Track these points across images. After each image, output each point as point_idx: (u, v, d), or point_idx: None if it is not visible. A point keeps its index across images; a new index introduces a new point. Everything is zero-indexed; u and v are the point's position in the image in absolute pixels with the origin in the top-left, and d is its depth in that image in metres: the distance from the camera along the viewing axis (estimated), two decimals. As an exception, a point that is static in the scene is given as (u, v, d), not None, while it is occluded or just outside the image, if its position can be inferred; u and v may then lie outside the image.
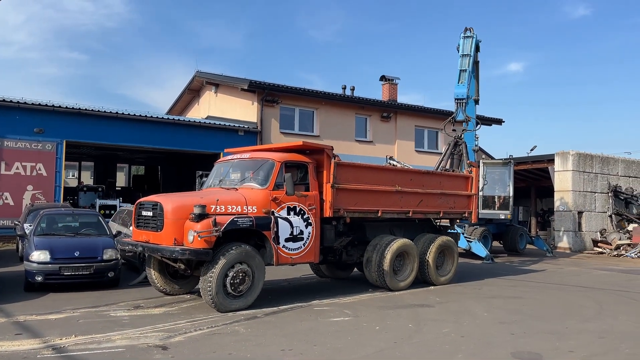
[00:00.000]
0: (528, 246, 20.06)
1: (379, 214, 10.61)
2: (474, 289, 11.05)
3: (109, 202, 19.93)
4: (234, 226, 8.35)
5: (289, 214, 9.13)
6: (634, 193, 22.53)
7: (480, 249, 16.58)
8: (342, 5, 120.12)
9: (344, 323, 7.77)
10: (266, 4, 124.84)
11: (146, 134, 18.52)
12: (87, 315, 7.95)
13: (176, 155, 24.97)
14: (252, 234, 8.84)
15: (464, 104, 16.56)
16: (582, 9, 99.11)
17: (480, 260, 16.51)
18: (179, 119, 19.84)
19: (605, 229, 21.57)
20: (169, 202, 8.56)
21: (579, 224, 21.19)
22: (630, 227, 20.77)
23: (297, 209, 9.26)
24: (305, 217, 9.36)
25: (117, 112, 17.76)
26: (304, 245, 9.36)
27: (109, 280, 10.17)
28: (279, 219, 8.95)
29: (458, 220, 13.33)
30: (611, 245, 20.06)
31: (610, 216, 21.92)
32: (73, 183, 36.33)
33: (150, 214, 8.78)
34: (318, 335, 7.07)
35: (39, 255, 9.64)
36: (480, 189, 15.31)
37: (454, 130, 16.70)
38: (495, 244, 19.57)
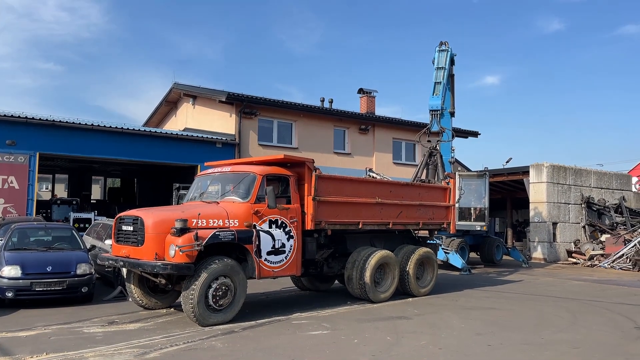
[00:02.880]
0: (504, 257, 20.30)
1: (360, 226, 10.68)
2: (451, 301, 11.12)
3: (84, 215, 19.57)
4: (216, 240, 8.33)
5: (270, 227, 9.15)
6: (606, 204, 23.01)
7: (457, 261, 16.72)
8: (320, 18, 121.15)
9: (322, 336, 7.73)
10: (245, 16, 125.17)
11: (122, 146, 18.26)
12: (60, 332, 7.77)
13: (153, 167, 24.68)
14: (234, 248, 8.81)
15: (438, 115, 16.76)
16: (556, 24, 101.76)
17: (457, 271, 16.64)
18: (155, 131, 19.63)
19: (579, 240, 21.96)
20: (150, 216, 8.49)
21: (554, 234, 21.53)
22: (603, 237, 21.18)
23: (279, 222, 9.29)
24: (287, 230, 9.39)
25: (92, 124, 17.50)
26: (285, 259, 9.38)
27: (82, 296, 9.98)
28: (260, 232, 8.97)
29: (436, 232, 13.45)
30: (585, 255, 20.42)
31: (584, 227, 22.34)
32: (46, 196, 35.60)
33: (130, 228, 8.70)
34: (296, 349, 7.02)
35: (9, 271, 9.42)
36: (456, 200, 15.46)
37: (429, 141, 16.85)
38: (472, 255, 19.75)
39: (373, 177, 17.29)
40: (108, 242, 12.13)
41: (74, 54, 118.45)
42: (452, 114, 17.91)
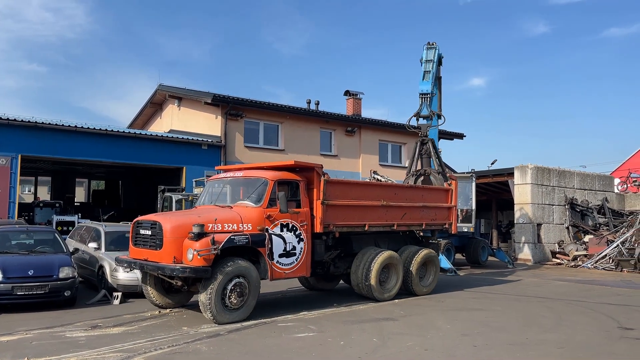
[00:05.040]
0: (490, 258, 20.43)
1: (366, 228, 10.99)
2: (437, 302, 11.16)
3: (67, 218, 19.26)
4: (231, 244, 8.68)
5: (282, 230, 9.51)
6: (589, 205, 23.28)
7: (443, 262, 16.77)
8: (308, 20, 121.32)
9: (309, 339, 7.71)
10: (232, 17, 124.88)
11: (106, 148, 18.07)
12: (42, 337, 7.65)
13: (138, 169, 24.46)
14: (247, 250, 9.10)
15: (428, 99, 16.77)
16: (542, 26, 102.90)
17: (443, 272, 16.69)
18: (140, 133, 19.45)
19: (563, 241, 22.18)
20: (168, 221, 8.83)
21: (538, 235, 21.72)
22: (586, 238, 21.41)
23: (290, 225, 9.64)
24: (297, 233, 9.74)
25: (75, 126, 17.30)
26: (296, 261, 9.73)
27: (65, 300, 9.85)
28: (272, 235, 9.35)
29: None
30: (569, 256, 20.62)
31: (568, 228, 22.57)
32: (29, 198, 35.14)
33: (149, 232, 9.03)
34: (282, 352, 6.99)
35: (-10, 275, 9.23)
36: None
37: (418, 127, 16.82)
38: (458, 256, 19.85)
39: (378, 179, 17.31)
40: (91, 245, 12.01)
41: (59, 55, 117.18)
42: (439, 117, 17.97)
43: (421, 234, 13.11)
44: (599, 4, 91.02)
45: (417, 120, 16.78)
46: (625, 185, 27.76)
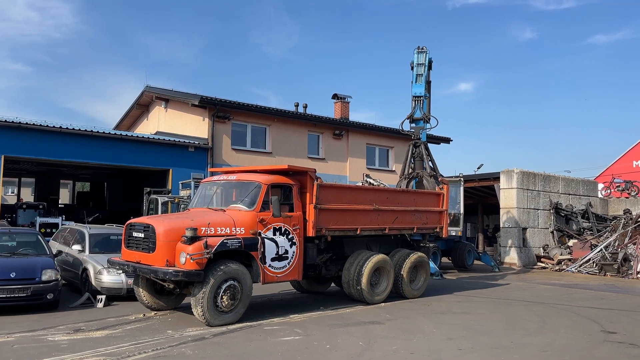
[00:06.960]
0: (475, 262, 20.54)
1: (358, 232, 11.04)
2: (423, 305, 11.19)
3: (51, 220, 19.07)
4: (224, 248, 8.69)
5: (274, 234, 9.52)
6: (574, 210, 23.52)
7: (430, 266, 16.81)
8: (297, 22, 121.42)
9: (294, 342, 7.68)
10: (220, 19, 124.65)
11: (92, 149, 17.90)
12: (23, 340, 7.54)
13: (124, 171, 24.27)
14: (240, 254, 9.09)
15: (421, 102, 16.93)
16: (528, 32, 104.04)
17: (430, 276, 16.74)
18: (126, 134, 19.31)
19: (547, 245, 22.37)
20: (161, 224, 8.82)
21: (524, 239, 21.89)
22: (571, 242, 21.62)
23: (283, 229, 9.66)
24: (289, 237, 9.76)
25: (60, 127, 17.11)
26: (288, 264, 9.75)
27: (47, 303, 9.72)
28: (265, 239, 9.35)
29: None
30: (553, 260, 20.81)
31: (552, 232, 22.77)
32: (12, 200, 34.70)
33: (141, 235, 9.00)
34: (267, 355, 6.96)
35: (-29, 277, 9.08)
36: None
37: (411, 130, 16.93)
38: (444, 260, 19.94)
39: (371, 183, 17.36)
40: (75, 247, 11.88)
41: (44, 55, 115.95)
42: (428, 120, 18.03)
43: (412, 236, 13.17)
44: (585, 11, 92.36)
45: (410, 123, 16.93)
46: (609, 190, 28.04)
